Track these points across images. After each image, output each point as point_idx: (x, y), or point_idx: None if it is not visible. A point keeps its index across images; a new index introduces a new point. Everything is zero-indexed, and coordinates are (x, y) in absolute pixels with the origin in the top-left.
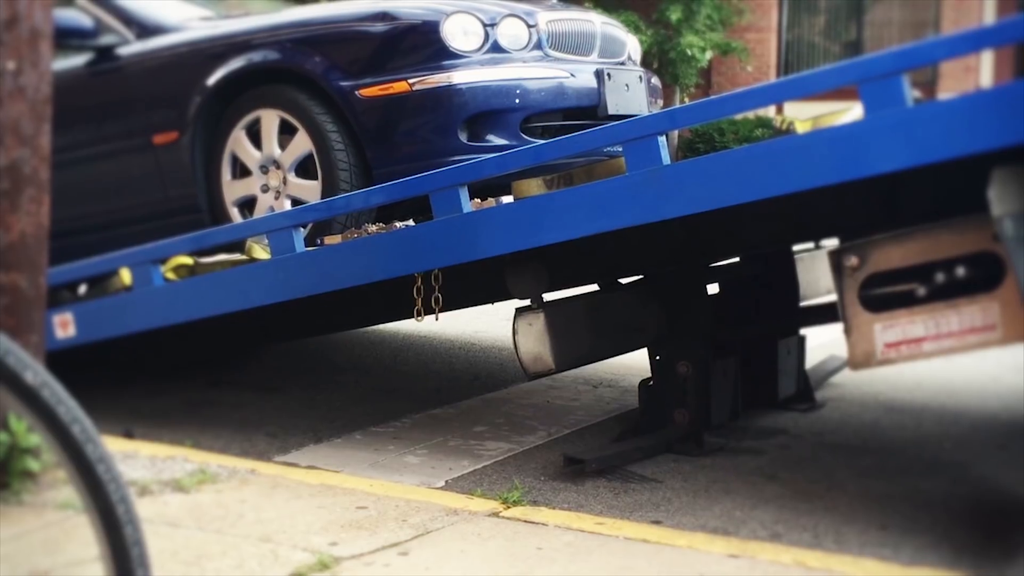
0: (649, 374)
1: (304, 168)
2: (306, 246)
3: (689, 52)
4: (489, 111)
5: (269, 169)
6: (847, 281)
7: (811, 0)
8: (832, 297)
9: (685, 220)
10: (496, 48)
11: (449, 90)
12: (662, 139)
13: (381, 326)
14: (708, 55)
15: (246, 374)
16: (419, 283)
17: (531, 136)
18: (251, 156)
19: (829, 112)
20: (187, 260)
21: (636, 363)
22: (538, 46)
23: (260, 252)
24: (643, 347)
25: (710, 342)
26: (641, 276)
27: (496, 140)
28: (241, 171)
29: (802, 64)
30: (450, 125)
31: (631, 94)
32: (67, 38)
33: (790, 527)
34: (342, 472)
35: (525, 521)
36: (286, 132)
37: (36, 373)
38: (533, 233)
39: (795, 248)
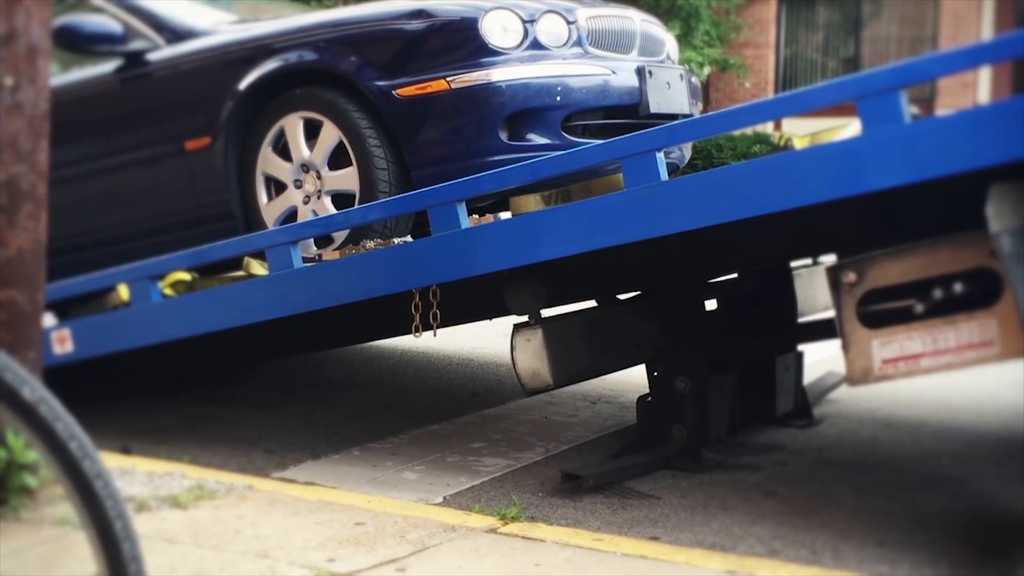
0: (647, 390)
1: (338, 164)
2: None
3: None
4: (530, 109)
5: (306, 173)
6: (845, 297)
7: (809, 16)
8: (830, 313)
9: (683, 236)
10: (536, 45)
11: (489, 88)
12: (660, 155)
13: (379, 342)
14: (706, 71)
15: (244, 390)
16: (417, 299)
17: (572, 135)
18: (298, 148)
19: (827, 128)
20: (185, 276)
21: (634, 379)
22: (578, 43)
23: (258, 268)
24: (641, 363)
25: (708, 358)
26: (639, 292)
27: (537, 139)
28: (277, 187)
29: (800, 80)
30: (490, 124)
31: (672, 92)
32: (96, 44)
33: (788, 543)
34: (340, 488)
35: (523, 537)
36: (317, 136)
37: (34, 389)
38: (531, 249)
39: (793, 264)
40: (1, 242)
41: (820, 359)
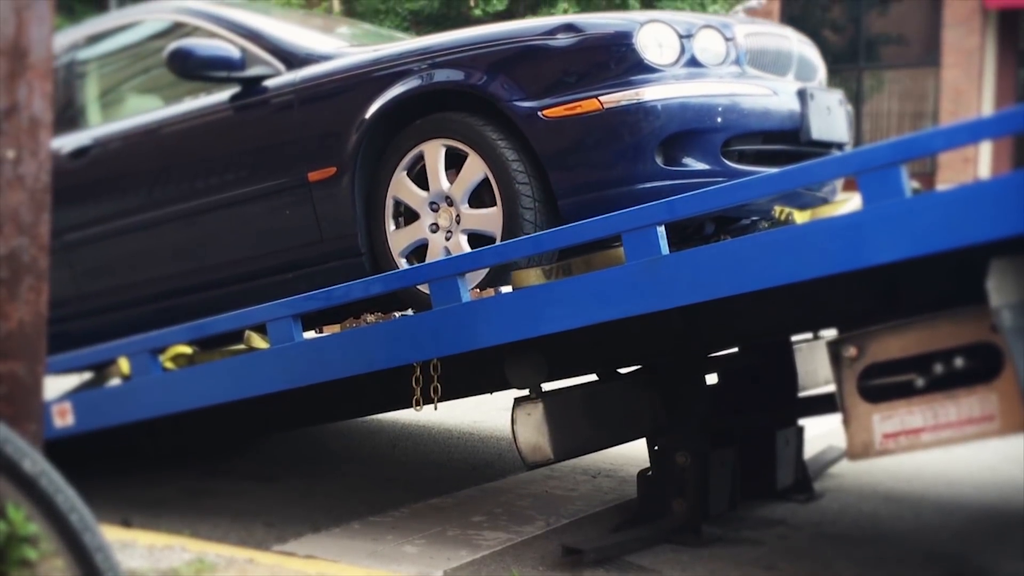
0: (647, 464)
1: (480, 201)
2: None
3: None
4: (688, 131)
5: (440, 206)
6: (845, 371)
7: None
8: (831, 387)
9: (684, 310)
10: (692, 62)
11: (644, 108)
12: (660, 229)
13: (379, 415)
14: None
15: (244, 463)
16: (418, 372)
17: (729, 160)
18: (416, 195)
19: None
20: (186, 349)
21: (634, 453)
22: (736, 62)
23: (259, 341)
24: (641, 437)
25: (708, 432)
26: (640, 366)
27: (694, 164)
28: (406, 214)
29: None
30: (646, 147)
31: (833, 118)
32: (211, 69)
33: None
34: (340, 562)
35: None
36: (455, 165)
37: (35, 462)
38: (532, 323)
39: (794, 338)
40: (2, 315)
41: (821, 433)
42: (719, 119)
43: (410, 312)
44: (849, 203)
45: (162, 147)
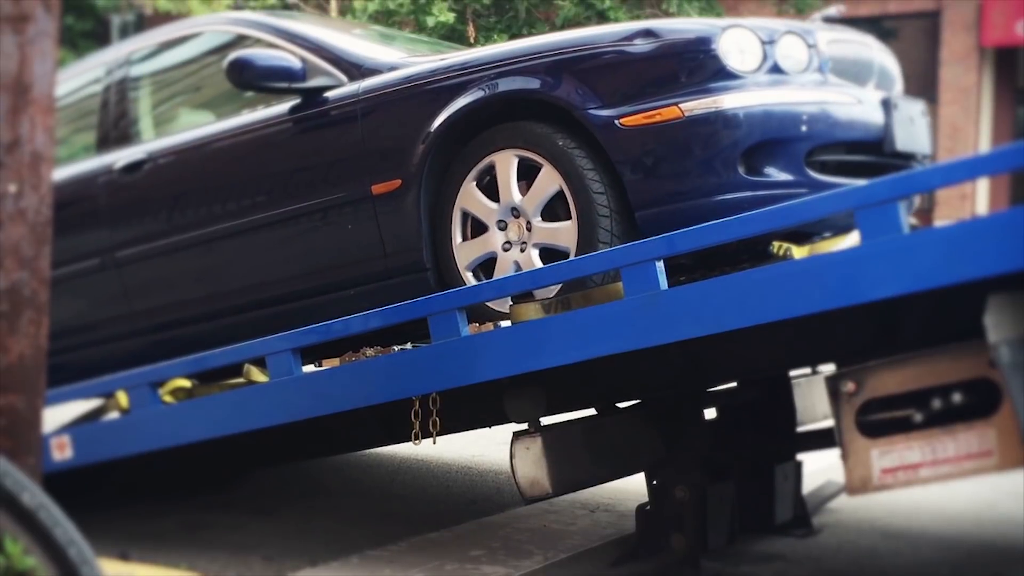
0: (646, 498)
1: (553, 213)
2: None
3: None
4: (772, 140)
5: (508, 221)
6: (844, 406)
7: None
8: (829, 422)
9: (683, 345)
10: (775, 69)
11: (726, 116)
12: (659, 264)
13: (378, 449)
14: None
15: (242, 496)
16: (417, 406)
17: (812, 171)
18: (485, 207)
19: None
20: (185, 383)
21: (633, 488)
22: (819, 69)
23: (258, 375)
24: (640, 471)
25: (707, 467)
26: (639, 400)
27: (777, 175)
28: (474, 227)
29: None
30: (728, 156)
31: (916, 129)
32: (271, 80)
33: None
34: None
35: None
36: (526, 176)
37: (33, 495)
38: (531, 357)
39: (792, 373)
40: (2, 348)
41: (819, 468)
42: (803, 128)
43: (409, 346)
44: (847, 239)
45: (219, 160)
